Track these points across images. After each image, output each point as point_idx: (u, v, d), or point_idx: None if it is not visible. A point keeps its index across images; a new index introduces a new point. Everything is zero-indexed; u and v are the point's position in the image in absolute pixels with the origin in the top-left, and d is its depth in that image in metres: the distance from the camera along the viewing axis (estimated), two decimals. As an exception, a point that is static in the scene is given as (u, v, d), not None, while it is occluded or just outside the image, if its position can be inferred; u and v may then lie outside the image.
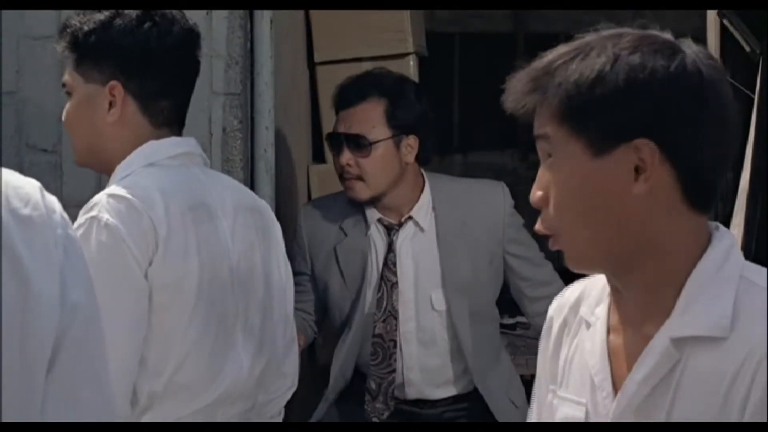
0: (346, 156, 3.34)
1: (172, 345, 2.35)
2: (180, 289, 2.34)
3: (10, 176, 1.38)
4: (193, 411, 2.38)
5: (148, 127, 2.43)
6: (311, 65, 4.40)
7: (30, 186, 1.39)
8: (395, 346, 3.38)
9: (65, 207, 1.43)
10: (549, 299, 3.52)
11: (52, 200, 1.41)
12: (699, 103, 1.56)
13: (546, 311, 3.48)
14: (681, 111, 1.55)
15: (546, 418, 1.75)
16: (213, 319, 2.40)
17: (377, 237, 3.41)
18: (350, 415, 3.45)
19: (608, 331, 1.65)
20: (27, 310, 1.32)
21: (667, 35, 1.60)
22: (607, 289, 1.67)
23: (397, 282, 3.37)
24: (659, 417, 1.56)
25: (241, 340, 2.47)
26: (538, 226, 1.63)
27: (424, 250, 3.39)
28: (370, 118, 3.35)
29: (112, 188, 2.34)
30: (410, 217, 3.39)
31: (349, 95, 3.40)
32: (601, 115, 1.55)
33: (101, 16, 2.41)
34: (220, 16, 3.43)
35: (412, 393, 3.42)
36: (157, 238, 2.31)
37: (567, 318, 1.75)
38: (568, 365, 1.71)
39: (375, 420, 3.39)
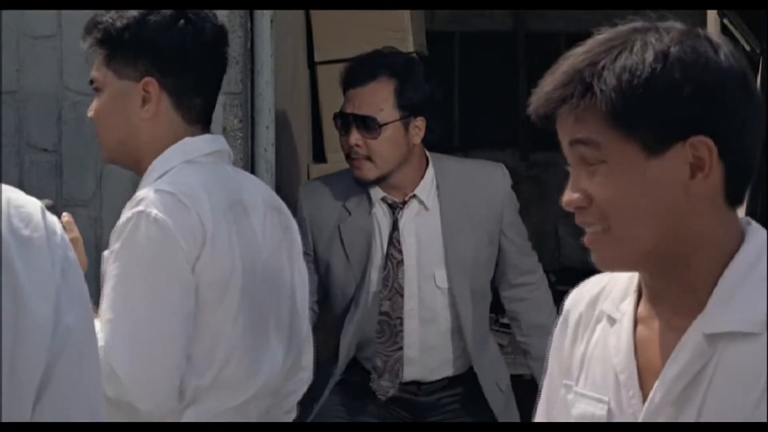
0: (355, 136, 3.33)
1: (219, 340, 2.36)
2: (227, 286, 2.35)
3: (13, 194, 1.37)
4: (233, 406, 2.39)
5: (181, 123, 2.43)
6: (311, 64, 4.40)
7: (32, 206, 1.38)
8: (401, 324, 3.39)
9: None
10: (527, 287, 3.57)
11: (54, 221, 1.40)
12: (746, 95, 1.55)
13: (522, 298, 3.53)
14: (733, 105, 1.53)
15: (560, 413, 1.71)
16: (254, 315, 2.42)
17: (381, 216, 3.41)
18: (350, 399, 3.46)
19: (635, 326, 1.62)
20: (19, 330, 1.31)
21: (691, 26, 1.57)
22: (633, 284, 1.65)
23: (402, 260, 3.38)
24: (690, 413, 1.54)
25: (274, 336, 2.49)
26: (578, 222, 1.58)
27: (428, 228, 3.40)
28: (380, 100, 3.35)
29: (158, 183, 2.34)
30: (414, 196, 3.40)
31: (359, 74, 3.39)
32: (657, 115, 1.51)
33: (134, 12, 2.41)
34: (220, 15, 3.41)
35: (409, 373, 3.42)
36: (204, 234, 2.31)
37: (584, 312, 1.71)
38: (586, 360, 1.68)
39: (381, 398, 3.40)
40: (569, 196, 1.58)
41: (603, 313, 1.68)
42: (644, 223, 1.54)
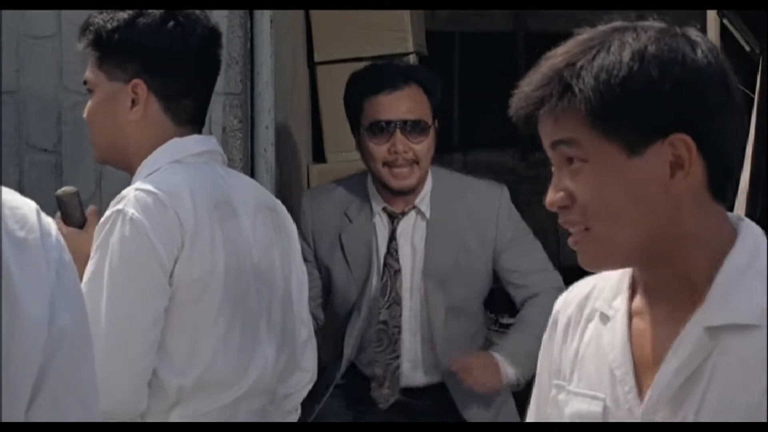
0: (403, 142, 3.28)
1: (201, 341, 2.36)
2: (207, 285, 2.35)
3: (8, 195, 1.37)
4: (220, 406, 2.40)
5: (170, 125, 2.44)
6: (311, 65, 4.40)
7: (27, 207, 1.38)
8: (399, 332, 3.38)
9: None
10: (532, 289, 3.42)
11: (49, 222, 1.40)
12: (725, 92, 1.56)
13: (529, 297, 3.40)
14: (712, 102, 1.54)
15: (552, 414, 1.71)
16: (239, 315, 2.42)
17: (380, 225, 3.41)
18: (352, 402, 3.46)
19: (629, 323, 1.63)
20: (13, 330, 1.31)
21: (670, 25, 1.58)
22: (625, 280, 1.65)
23: (400, 269, 3.37)
24: (691, 407, 1.54)
25: (265, 336, 2.49)
26: (562, 222, 1.60)
27: (422, 239, 3.39)
28: (422, 102, 3.33)
29: (141, 183, 2.35)
30: (413, 206, 3.39)
31: (390, 79, 3.33)
32: (636, 114, 1.52)
33: (124, 14, 2.41)
34: (220, 15, 3.42)
35: (407, 380, 3.42)
36: (183, 233, 2.32)
37: (573, 314, 1.72)
38: (579, 359, 1.68)
39: (381, 406, 3.40)
40: (552, 196, 1.59)
41: (595, 311, 1.68)
42: (625, 223, 1.55)
